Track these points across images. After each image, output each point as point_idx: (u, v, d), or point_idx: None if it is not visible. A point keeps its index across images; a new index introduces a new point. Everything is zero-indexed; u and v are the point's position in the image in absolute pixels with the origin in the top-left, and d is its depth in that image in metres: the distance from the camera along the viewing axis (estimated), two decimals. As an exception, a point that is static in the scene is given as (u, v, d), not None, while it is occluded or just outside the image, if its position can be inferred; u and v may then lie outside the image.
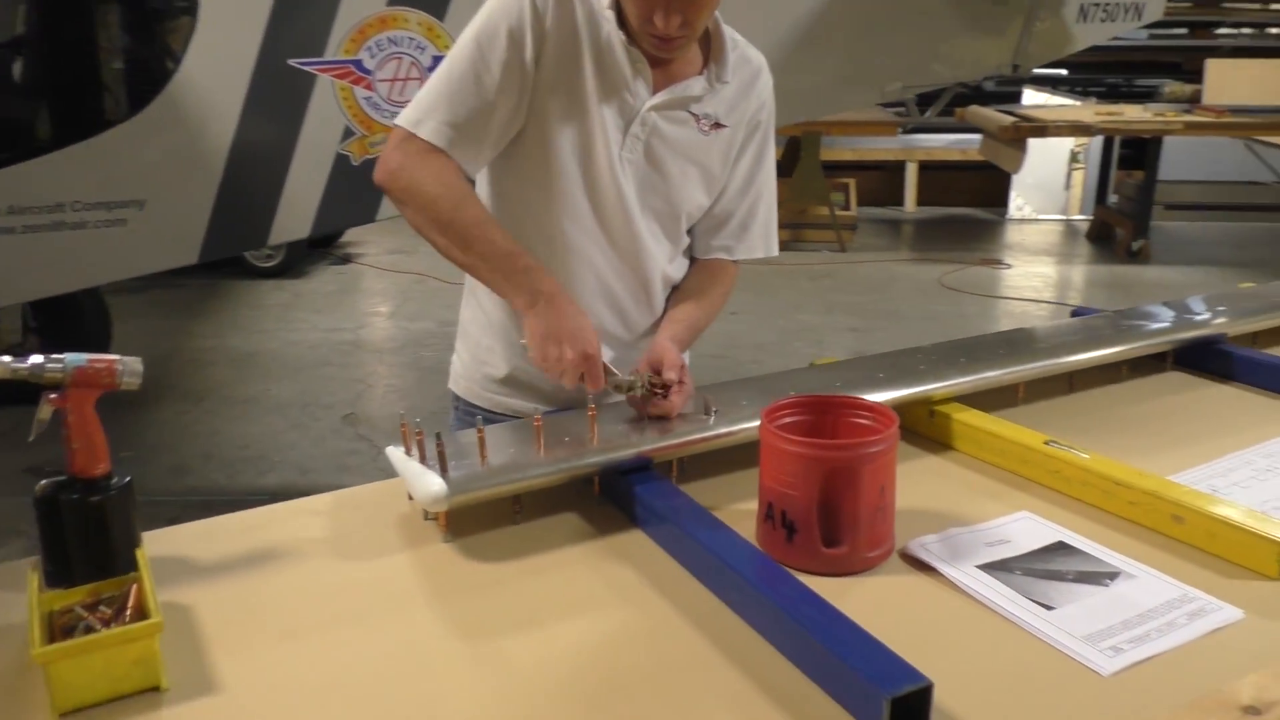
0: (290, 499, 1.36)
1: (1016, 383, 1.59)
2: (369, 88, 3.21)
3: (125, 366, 1.12)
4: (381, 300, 6.27)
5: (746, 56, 1.55)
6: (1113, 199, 7.96)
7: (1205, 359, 1.76)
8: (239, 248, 4.94)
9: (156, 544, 1.13)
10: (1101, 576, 1.11)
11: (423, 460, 1.24)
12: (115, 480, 1.11)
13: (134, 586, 1.05)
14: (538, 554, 1.19)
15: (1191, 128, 6.82)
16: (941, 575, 1.12)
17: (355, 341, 5.44)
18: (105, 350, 1.14)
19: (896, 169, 8.98)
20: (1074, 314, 2.00)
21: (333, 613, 1.08)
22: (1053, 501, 1.31)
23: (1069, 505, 1.29)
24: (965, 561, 1.14)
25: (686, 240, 1.60)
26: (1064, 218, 8.68)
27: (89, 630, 0.99)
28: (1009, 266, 7.05)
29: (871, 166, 8.93)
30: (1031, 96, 9.09)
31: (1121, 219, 7.48)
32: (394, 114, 3.24)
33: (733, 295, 1.66)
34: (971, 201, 9.14)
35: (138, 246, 3.15)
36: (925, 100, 4.40)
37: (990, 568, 1.13)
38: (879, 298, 6.13)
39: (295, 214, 3.25)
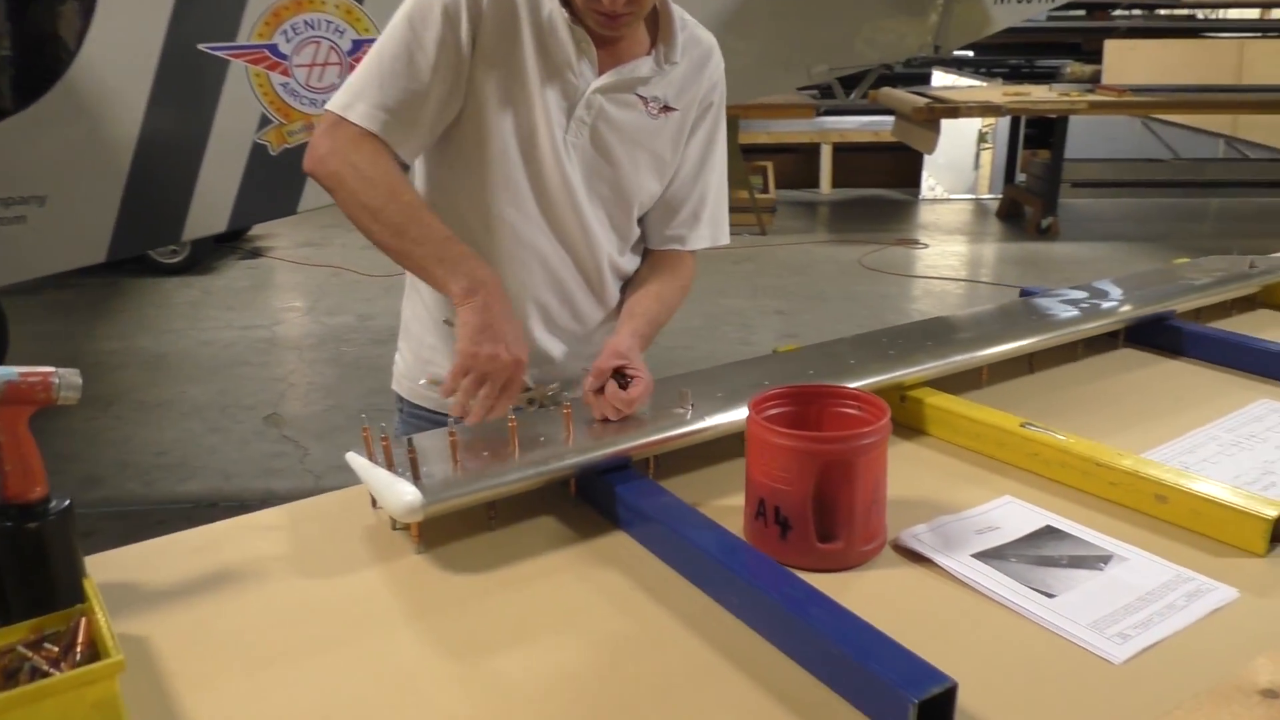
0: (214, 506, 1.28)
1: (982, 365, 1.58)
2: (286, 73, 3.07)
3: (62, 380, 1.02)
4: (296, 295, 6.07)
5: (697, 37, 1.50)
6: (1021, 178, 8.17)
7: (1155, 335, 1.79)
8: (150, 244, 4.72)
9: (98, 570, 1.04)
10: (1095, 560, 1.10)
11: (389, 467, 1.17)
12: (54, 504, 1.01)
13: (82, 621, 0.96)
14: (518, 562, 1.13)
15: (1095, 107, 7.03)
16: (937, 566, 1.10)
17: (272, 339, 5.25)
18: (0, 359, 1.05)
19: (811, 151, 9.06)
20: (1023, 294, 2.02)
21: (305, 637, 1.01)
22: (1032, 484, 1.30)
23: (1048, 487, 1.29)
24: (959, 551, 1.12)
25: (638, 231, 1.55)
26: (974, 197, 8.88)
27: (36, 672, 0.90)
28: (925, 246, 7.17)
29: (786, 149, 9.00)
30: (940, 78, 9.28)
31: (1030, 197, 7.68)
32: (313, 101, 3.15)
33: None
34: (885, 182, 9.29)
35: (39, 245, 2.96)
36: (848, 83, 4.43)
37: (985, 556, 1.11)
38: (802, 280, 6.17)
39: (210, 207, 3.10)
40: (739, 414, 1.31)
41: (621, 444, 1.23)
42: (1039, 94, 7.35)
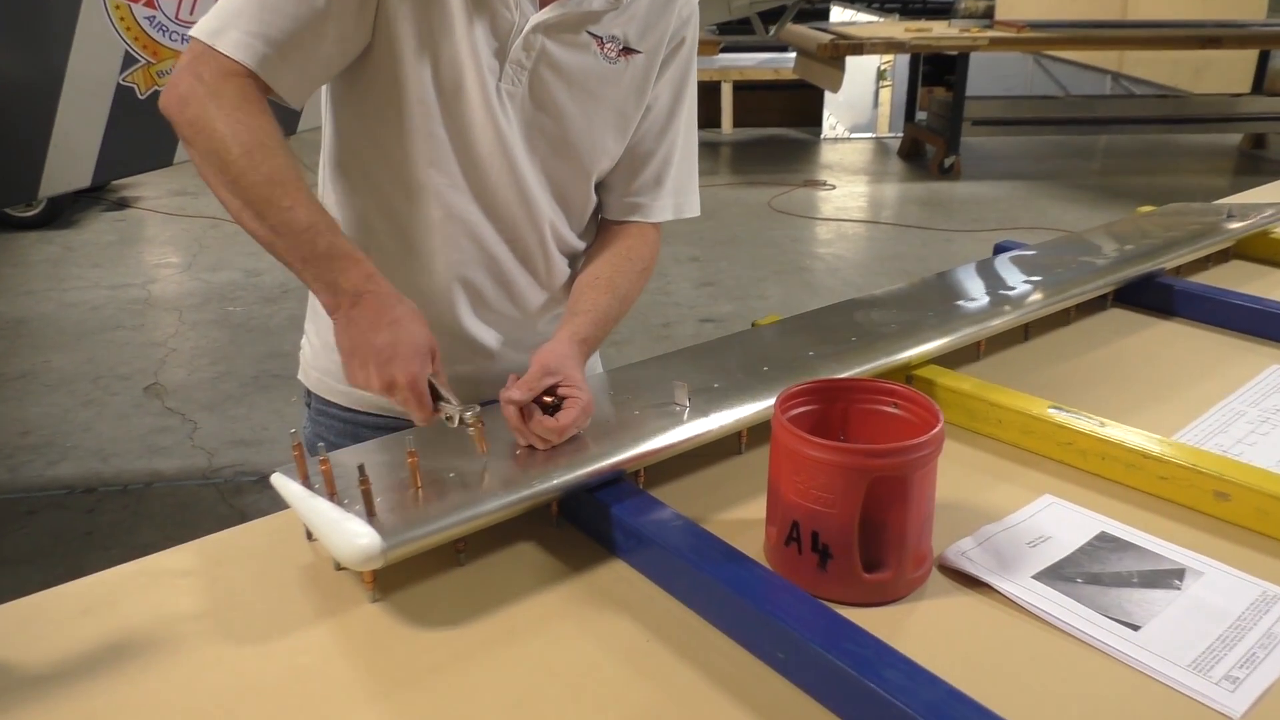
0: (92, 491, 1.04)
1: (982, 338, 1.43)
2: (151, 5, 2.69)
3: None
4: (172, 250, 5.59)
5: None
6: (921, 116, 8.14)
7: (1143, 294, 1.67)
8: (1, 203, 4.22)
9: None
10: (1168, 577, 0.96)
11: (331, 496, 0.95)
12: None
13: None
14: (500, 609, 0.93)
15: (996, 43, 7.01)
16: (993, 589, 0.94)
17: (147, 299, 4.82)
18: None
19: (710, 90, 8.85)
20: (998, 249, 1.88)
21: (242, 734, 0.79)
22: (1069, 479, 1.15)
23: (1087, 482, 1.14)
24: (1017, 571, 0.96)
25: (595, 200, 1.31)
26: (875, 136, 8.84)
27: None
28: (832, 187, 7.09)
29: (685, 88, 8.76)
30: (838, 14, 9.15)
31: (932, 136, 7.66)
32: (185, 37, 2.78)
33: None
34: (785, 121, 9.17)
35: None
36: (767, 18, 4.22)
37: (1047, 577, 0.96)
38: (713, 224, 6.00)
39: (71, 160, 2.71)
40: (744, 410, 1.13)
41: (615, 455, 1.03)
42: (940, 30, 7.29)
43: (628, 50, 1.21)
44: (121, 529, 2.93)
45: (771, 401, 1.14)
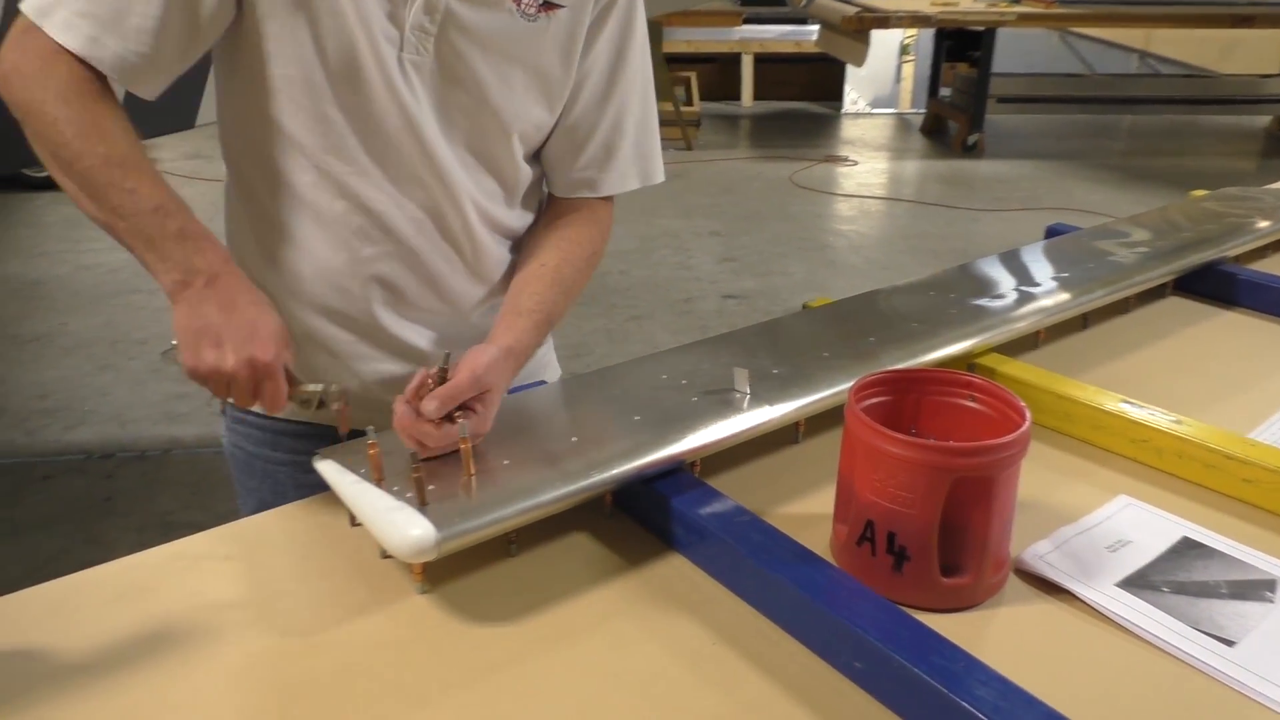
0: (110, 457, 0.99)
1: (1043, 326, 1.38)
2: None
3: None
4: (187, 212, 5.53)
5: None
6: (944, 92, 8.02)
7: (1203, 282, 1.61)
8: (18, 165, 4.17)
9: None
10: (1259, 588, 0.91)
11: (379, 483, 0.90)
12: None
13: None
14: (555, 605, 0.88)
15: (1024, 19, 6.86)
16: (1073, 596, 0.89)
17: (163, 262, 4.76)
18: None
19: (731, 62, 8.73)
20: (1049, 232, 1.82)
21: (294, 735, 0.74)
22: (1144, 478, 1.10)
23: (1165, 483, 1.09)
24: (1099, 577, 0.91)
25: (528, 172, 1.16)
26: (897, 111, 8.72)
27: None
28: (854, 163, 6.99)
29: (705, 59, 8.64)
30: (863, -14, 8.99)
31: (955, 113, 7.55)
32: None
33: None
34: (805, 95, 9.05)
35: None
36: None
37: (1132, 585, 0.91)
38: (734, 198, 5.92)
39: None
40: (807, 398, 1.08)
41: (675, 445, 0.98)
42: (967, 4, 7.15)
43: (549, 5, 1.05)
44: (140, 496, 2.90)
45: (834, 390, 1.10)
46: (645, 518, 0.98)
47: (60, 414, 3.38)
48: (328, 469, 0.95)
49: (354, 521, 0.97)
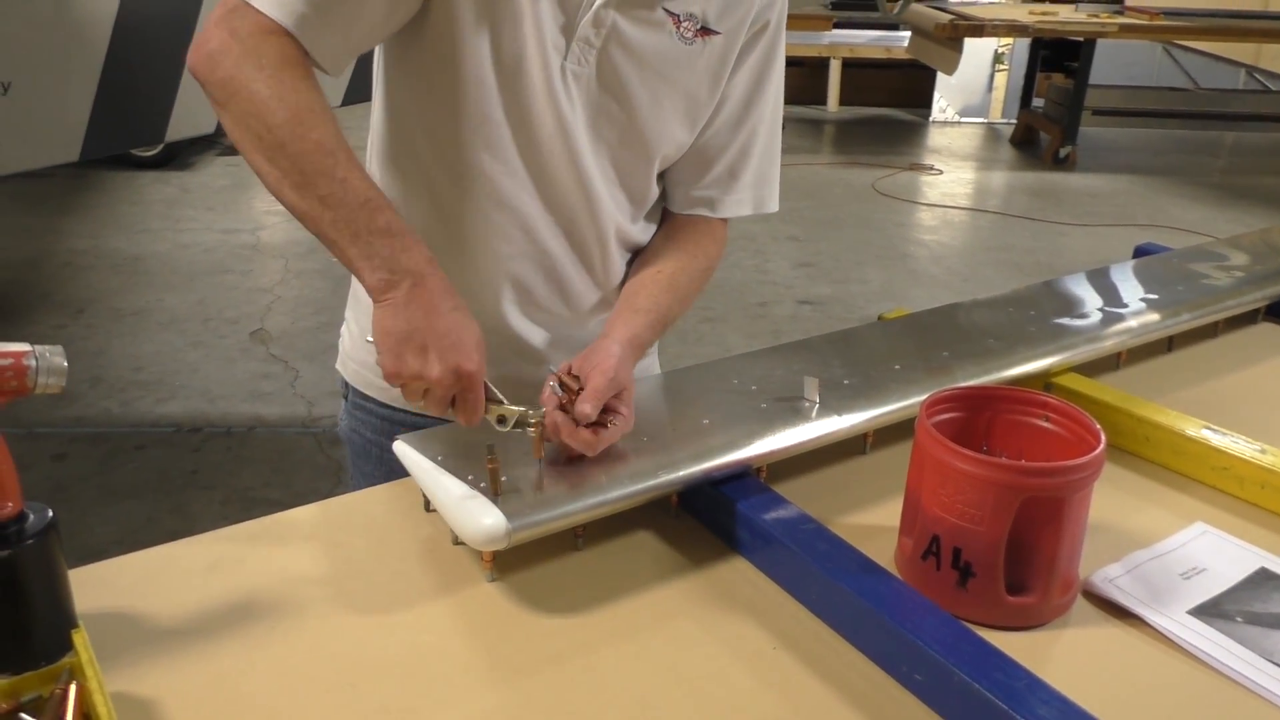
0: (198, 431, 1.03)
1: (1125, 348, 1.35)
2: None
3: (42, 362, 0.78)
4: (280, 198, 5.71)
5: None
6: (1038, 103, 7.85)
7: (1299, 310, 1.57)
8: (131, 144, 4.35)
9: (79, 590, 0.80)
10: (1339, 624, 0.89)
11: (496, 495, 0.90)
12: (31, 522, 0.77)
13: (71, 685, 0.74)
14: (619, 600, 0.91)
15: (1126, 30, 6.69)
16: (1144, 621, 0.88)
17: (256, 245, 4.93)
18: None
19: (818, 67, 8.66)
20: (1138, 252, 1.78)
21: (371, 708, 0.78)
22: (1223, 506, 1.08)
23: (1245, 512, 1.07)
24: (1171, 604, 0.90)
25: (657, 191, 1.19)
26: (986, 121, 8.56)
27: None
28: (940, 172, 6.88)
29: (793, 63, 8.58)
30: (957, -7, 8.84)
31: (1048, 124, 7.38)
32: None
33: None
34: (892, 102, 8.94)
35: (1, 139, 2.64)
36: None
37: (1205, 614, 0.89)
38: (814, 204, 5.89)
39: (196, 107, 2.77)
40: (876, 410, 1.08)
41: (743, 450, 0.99)
42: (1066, 14, 6.99)
43: (706, 30, 1.08)
44: (224, 470, 3.01)
45: (905, 403, 1.10)
46: (710, 520, 0.99)
47: (153, 387, 3.52)
48: (407, 454, 0.98)
49: (428, 507, 1.01)
